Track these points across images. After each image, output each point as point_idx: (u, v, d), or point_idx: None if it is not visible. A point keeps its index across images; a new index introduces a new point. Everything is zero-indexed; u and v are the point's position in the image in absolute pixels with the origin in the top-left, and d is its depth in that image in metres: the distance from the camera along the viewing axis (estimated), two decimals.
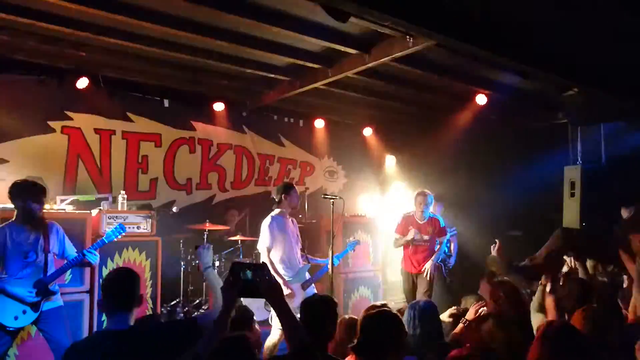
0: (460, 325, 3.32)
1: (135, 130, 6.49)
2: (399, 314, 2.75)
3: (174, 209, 6.06)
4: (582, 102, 5.59)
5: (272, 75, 5.97)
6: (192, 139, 6.98)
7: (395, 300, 6.78)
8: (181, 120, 6.87)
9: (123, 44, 4.92)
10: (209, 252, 2.66)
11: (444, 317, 3.31)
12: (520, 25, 4.04)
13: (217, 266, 6.26)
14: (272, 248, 4.84)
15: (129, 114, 6.43)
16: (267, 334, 4.58)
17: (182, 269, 6.19)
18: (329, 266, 5.06)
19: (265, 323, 5.89)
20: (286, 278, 4.79)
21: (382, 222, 7.16)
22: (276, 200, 4.97)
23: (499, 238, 4.16)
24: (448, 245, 6.73)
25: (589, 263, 4.25)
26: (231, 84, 6.40)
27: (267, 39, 4.98)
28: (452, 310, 3.75)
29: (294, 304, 4.50)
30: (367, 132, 8.29)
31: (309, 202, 7.53)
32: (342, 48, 4.99)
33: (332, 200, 5.15)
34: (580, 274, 4.02)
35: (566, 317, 3.11)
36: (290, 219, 5.07)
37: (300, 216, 7.33)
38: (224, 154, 7.28)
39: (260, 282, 2.07)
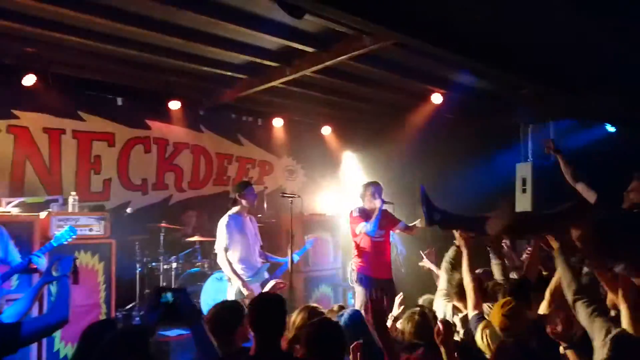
0: (390, 321, 3.40)
1: (87, 129, 6.26)
2: (339, 323, 2.79)
3: (129, 210, 5.92)
4: (533, 101, 5.78)
5: (230, 74, 5.89)
6: (148, 138, 6.81)
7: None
8: (135, 119, 6.69)
9: (74, 40, 4.73)
10: (69, 263, 2.72)
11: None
12: (475, 24, 4.13)
13: (175, 268, 6.15)
14: (229, 248, 4.79)
15: (80, 113, 6.21)
16: None
17: (137, 271, 6.02)
18: (289, 265, 5.05)
19: None
20: (245, 278, 4.76)
21: (342, 220, 7.20)
22: (233, 198, 4.93)
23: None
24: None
25: None
26: (187, 82, 6.28)
27: (224, 36, 4.91)
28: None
29: None
30: (326, 130, 8.30)
31: (268, 202, 7.50)
32: (300, 46, 4.97)
33: (290, 199, 5.15)
34: (494, 264, 3.90)
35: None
36: (248, 217, 5.03)
37: (259, 215, 7.27)
38: (180, 153, 7.14)
39: (180, 305, 2.16)
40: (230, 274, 4.77)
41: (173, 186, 7.08)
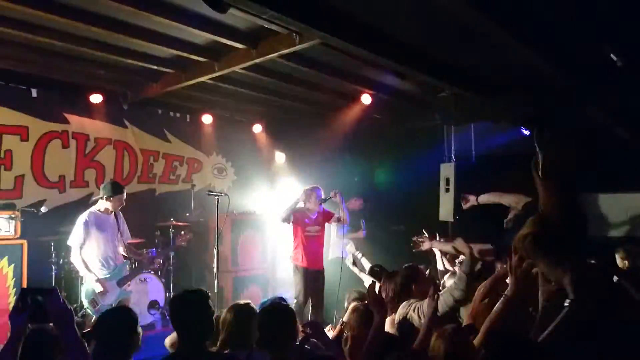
0: (339, 327, 3.44)
1: None
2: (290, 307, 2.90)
3: (43, 209, 5.57)
4: (454, 104, 6.02)
5: (156, 67, 5.67)
6: (66, 133, 6.43)
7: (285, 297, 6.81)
8: (52, 112, 6.29)
9: None
10: None
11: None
12: (396, 27, 4.23)
13: None
14: (84, 245, 4.83)
15: None
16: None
17: (53, 274, 5.68)
18: (215, 265, 5.02)
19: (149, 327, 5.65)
20: (100, 276, 4.83)
21: (272, 219, 7.17)
22: (103, 197, 4.99)
23: (384, 233, 4.29)
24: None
25: None
26: (110, 75, 5.99)
27: (149, 28, 4.71)
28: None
29: (106, 301, 4.74)
30: (257, 128, 8.23)
31: (197, 200, 7.32)
32: (229, 42, 4.87)
33: (217, 198, 5.10)
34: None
35: None
36: (112, 214, 5.06)
37: (187, 214, 7.13)
38: (102, 149, 6.80)
39: (49, 306, 2.10)
40: (83, 271, 4.85)
41: (94, 183, 6.73)
